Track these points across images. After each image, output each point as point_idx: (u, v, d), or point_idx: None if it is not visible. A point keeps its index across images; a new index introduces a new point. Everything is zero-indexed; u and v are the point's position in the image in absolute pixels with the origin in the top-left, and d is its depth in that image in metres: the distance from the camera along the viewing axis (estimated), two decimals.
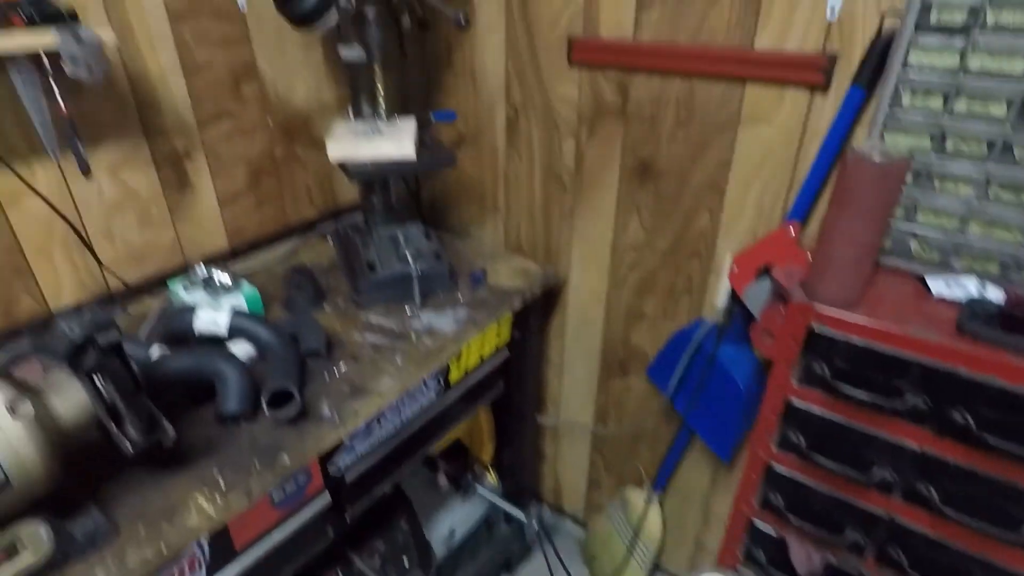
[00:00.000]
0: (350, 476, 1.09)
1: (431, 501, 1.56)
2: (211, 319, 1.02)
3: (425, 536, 1.42)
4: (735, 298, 1.17)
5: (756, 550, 1.08)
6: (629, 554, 1.57)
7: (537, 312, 1.49)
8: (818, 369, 0.88)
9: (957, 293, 0.87)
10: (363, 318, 1.21)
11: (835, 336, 0.86)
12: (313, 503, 1.03)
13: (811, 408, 0.92)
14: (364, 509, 1.16)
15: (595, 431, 1.67)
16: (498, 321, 1.30)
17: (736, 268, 1.14)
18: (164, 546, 0.76)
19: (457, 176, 1.60)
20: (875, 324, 0.83)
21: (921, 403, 0.81)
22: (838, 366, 0.87)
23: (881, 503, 0.90)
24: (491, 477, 1.69)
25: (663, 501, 1.57)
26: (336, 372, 1.05)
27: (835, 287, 0.86)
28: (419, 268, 1.22)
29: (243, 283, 1.17)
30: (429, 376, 1.18)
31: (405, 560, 1.34)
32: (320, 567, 1.17)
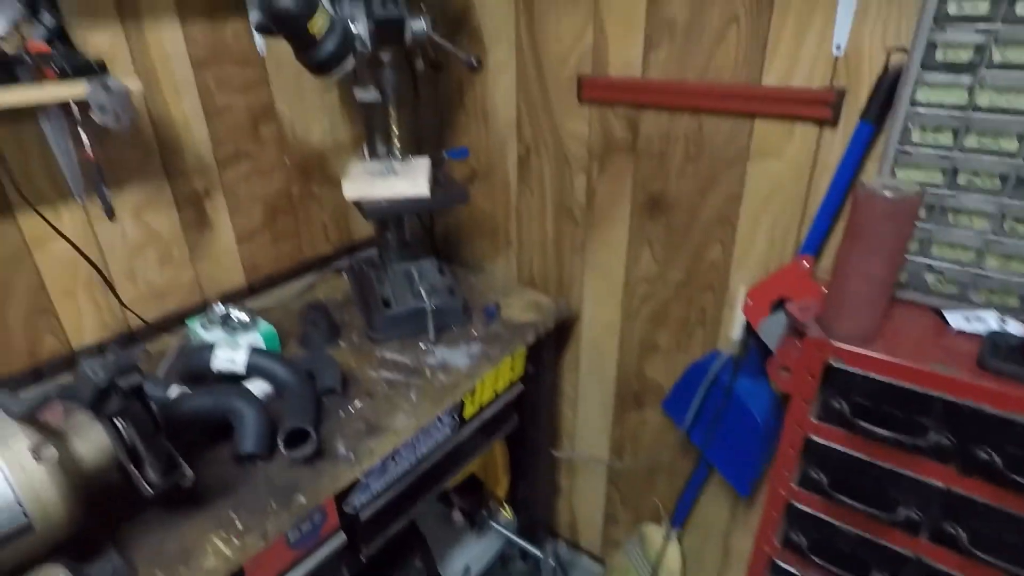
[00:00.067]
0: (365, 514, 1.09)
1: (445, 537, 1.54)
2: (229, 358, 1.04)
3: (440, 574, 1.41)
4: (750, 331, 1.17)
5: None
6: None
7: (550, 345, 1.49)
8: (837, 405, 0.87)
9: (977, 327, 0.86)
10: (378, 354, 1.22)
11: (853, 371, 0.85)
12: (329, 543, 1.02)
13: (831, 445, 0.90)
14: (379, 548, 1.15)
15: (611, 465, 1.64)
16: (512, 355, 1.30)
17: (750, 301, 1.13)
18: None
19: (470, 211, 1.62)
20: (894, 359, 0.82)
21: (944, 440, 0.80)
22: (857, 402, 0.86)
23: (908, 544, 0.88)
24: (506, 512, 1.67)
25: (682, 537, 1.54)
26: (351, 409, 1.06)
27: (851, 322, 0.85)
28: (433, 303, 1.23)
29: (260, 321, 1.19)
30: (444, 412, 1.18)
31: None
32: None
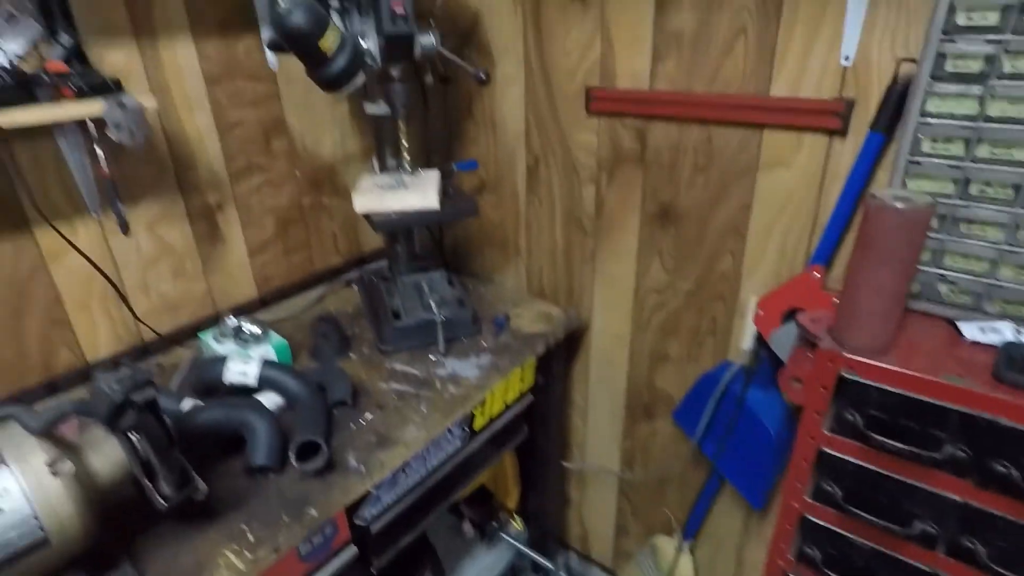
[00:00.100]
0: (376, 527, 1.09)
1: (456, 549, 1.54)
2: (241, 371, 1.05)
3: None
4: (761, 341, 1.16)
5: None
6: None
7: (560, 356, 1.49)
8: (850, 417, 0.86)
9: (992, 338, 0.85)
10: (388, 365, 1.22)
11: (866, 383, 0.84)
12: (340, 556, 1.02)
13: (845, 457, 0.89)
14: (390, 560, 1.15)
15: (621, 476, 1.64)
16: (522, 366, 1.30)
17: (761, 312, 1.13)
18: None
19: (479, 222, 1.63)
20: (907, 371, 0.81)
21: (960, 453, 0.79)
22: (871, 414, 0.85)
23: (925, 558, 0.87)
24: (516, 524, 1.66)
25: (694, 549, 1.53)
26: (362, 421, 1.06)
27: (863, 333, 0.85)
28: (443, 315, 1.23)
29: (272, 333, 1.20)
30: (454, 424, 1.18)
31: None
32: None
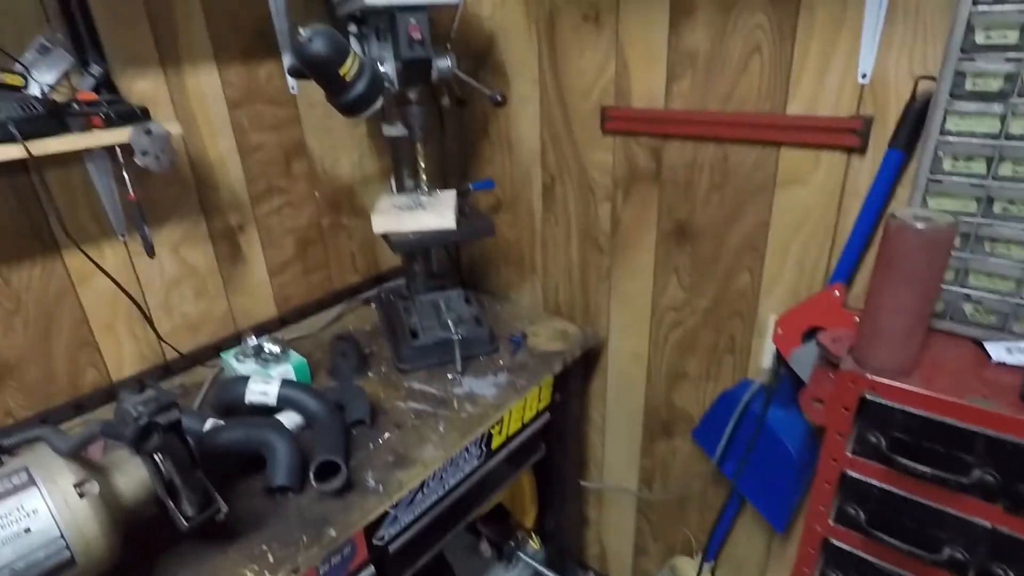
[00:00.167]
0: (394, 547, 1.09)
1: (473, 568, 1.53)
2: (261, 390, 1.06)
3: None
4: (781, 359, 1.15)
5: None
6: None
7: (577, 374, 1.49)
8: (873, 439, 0.85)
9: (1020, 359, 0.83)
10: (406, 384, 1.23)
11: (889, 405, 0.83)
12: None
13: (869, 480, 0.88)
14: None
15: (640, 495, 1.62)
16: (539, 385, 1.30)
17: (781, 330, 1.12)
18: None
19: (495, 241, 1.64)
20: (931, 393, 0.79)
21: (989, 477, 0.77)
22: (895, 436, 0.83)
23: None
24: (534, 543, 1.65)
25: (715, 571, 1.50)
26: (380, 441, 1.07)
27: (886, 354, 0.83)
28: (460, 333, 1.24)
29: (291, 353, 1.21)
30: (471, 443, 1.18)
31: None
32: None
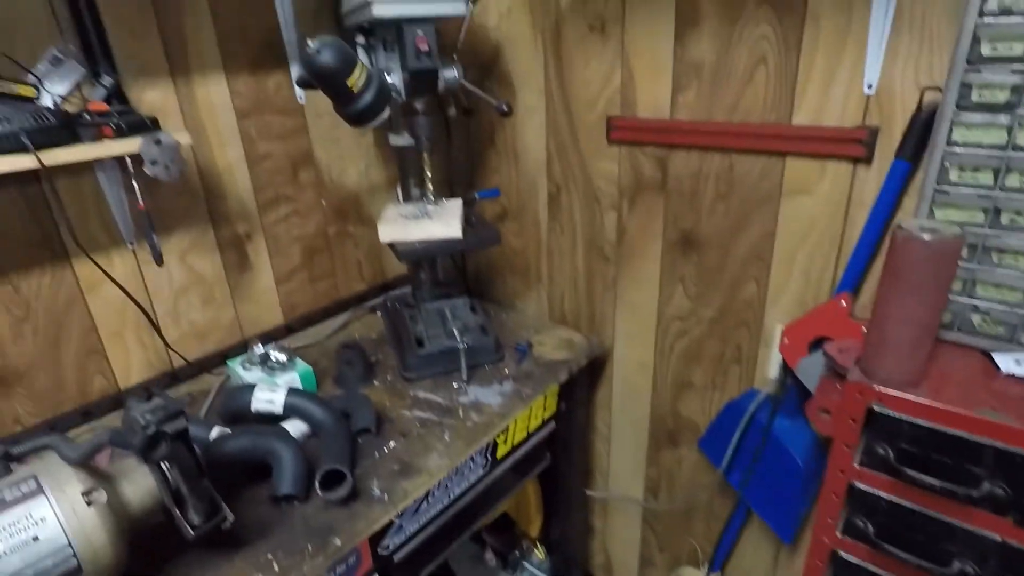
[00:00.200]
0: (399, 556, 1.08)
1: None
2: (268, 399, 1.06)
3: None
4: (788, 369, 1.14)
5: None
6: None
7: (583, 383, 1.49)
8: (881, 451, 0.84)
9: None
10: (411, 393, 1.23)
11: (897, 416, 0.82)
12: None
13: (877, 492, 0.87)
14: None
15: (646, 505, 1.61)
16: (544, 394, 1.30)
17: (787, 340, 1.12)
18: None
19: (501, 249, 1.64)
20: (940, 404, 0.79)
21: (999, 490, 0.76)
22: (903, 448, 0.83)
23: None
24: (539, 552, 1.65)
25: None
26: (386, 450, 1.07)
27: (893, 365, 0.83)
28: (466, 342, 1.24)
29: (298, 361, 1.22)
30: (477, 452, 1.17)
31: None
32: None
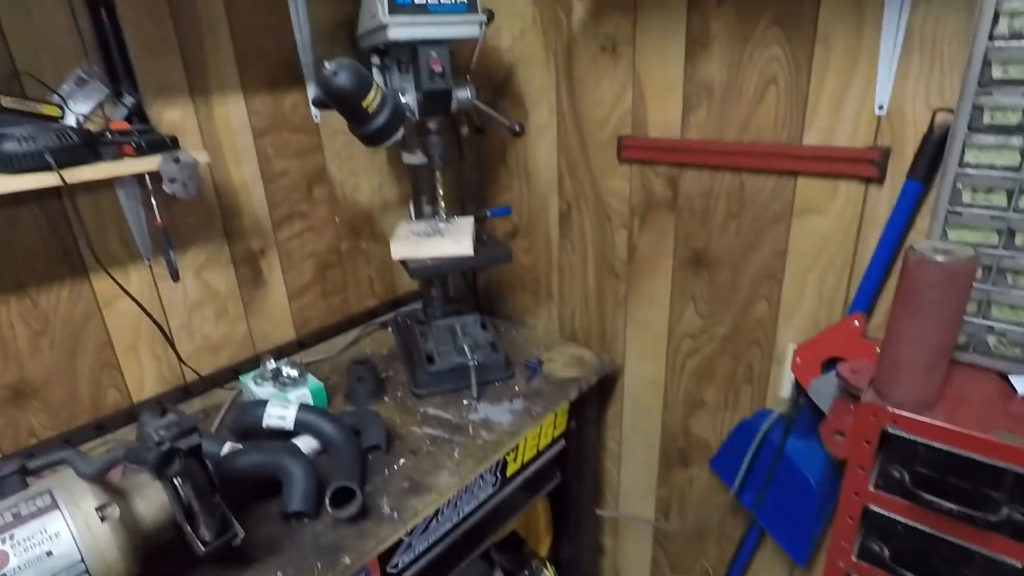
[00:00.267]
0: (408, 574, 1.08)
1: None
2: (279, 415, 1.07)
3: None
4: (800, 389, 1.14)
5: None
6: None
7: (593, 401, 1.48)
8: (896, 474, 0.83)
9: None
10: (421, 410, 1.23)
11: (912, 439, 0.81)
12: None
13: (892, 516, 0.86)
14: None
15: (657, 525, 1.59)
16: (555, 411, 1.29)
17: (800, 360, 1.11)
18: None
19: (512, 266, 1.65)
20: (955, 427, 0.78)
21: (1018, 516, 0.75)
22: (919, 471, 0.82)
23: None
24: (548, 572, 1.63)
25: None
26: (396, 467, 1.07)
27: (907, 387, 0.82)
28: (476, 359, 1.24)
29: (309, 376, 1.22)
30: (486, 470, 1.17)
31: None
32: None
